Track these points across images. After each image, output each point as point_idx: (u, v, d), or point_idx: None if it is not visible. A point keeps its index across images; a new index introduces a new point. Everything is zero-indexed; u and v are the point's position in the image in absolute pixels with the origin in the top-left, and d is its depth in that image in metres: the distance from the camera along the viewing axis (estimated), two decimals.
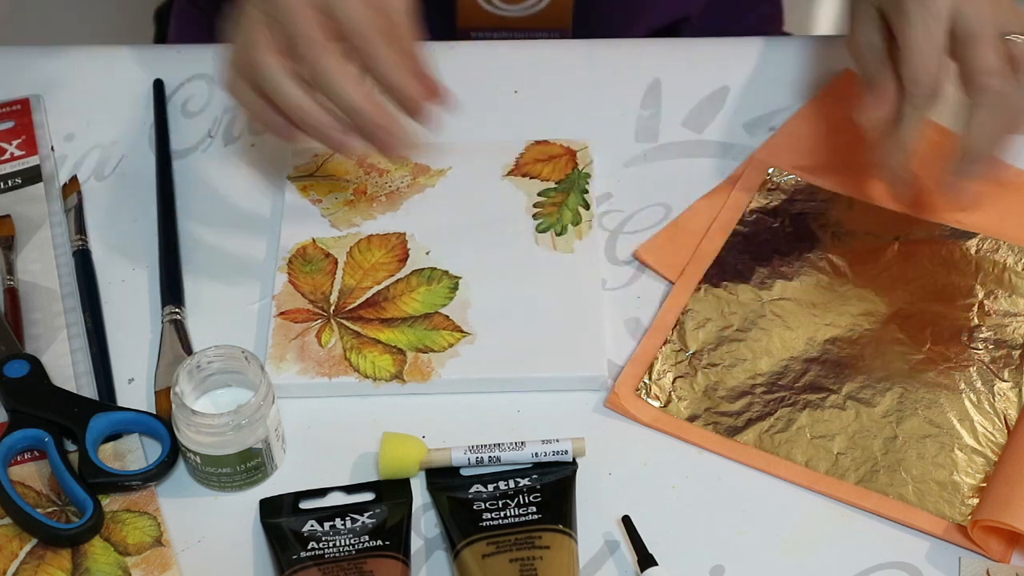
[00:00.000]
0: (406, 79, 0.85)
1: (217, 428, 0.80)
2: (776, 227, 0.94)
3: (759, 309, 0.90)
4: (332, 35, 0.84)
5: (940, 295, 0.90)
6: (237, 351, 0.83)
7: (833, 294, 0.91)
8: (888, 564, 0.80)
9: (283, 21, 0.84)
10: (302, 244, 0.94)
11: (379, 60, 0.85)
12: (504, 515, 0.80)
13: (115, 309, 0.92)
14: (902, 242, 0.93)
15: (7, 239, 0.94)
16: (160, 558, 0.80)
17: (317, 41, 0.84)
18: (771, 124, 1.02)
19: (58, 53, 1.08)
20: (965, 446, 0.83)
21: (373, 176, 0.98)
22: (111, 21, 1.91)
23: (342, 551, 0.79)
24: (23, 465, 0.84)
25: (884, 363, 0.87)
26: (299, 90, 0.85)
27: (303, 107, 0.85)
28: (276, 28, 0.85)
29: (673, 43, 1.11)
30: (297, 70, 0.85)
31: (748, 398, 0.86)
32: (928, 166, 0.98)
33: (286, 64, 0.85)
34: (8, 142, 1.01)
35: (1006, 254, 0.92)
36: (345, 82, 0.84)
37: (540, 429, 0.85)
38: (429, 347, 0.88)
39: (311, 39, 0.84)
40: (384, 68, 0.85)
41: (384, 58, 0.85)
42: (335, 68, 0.84)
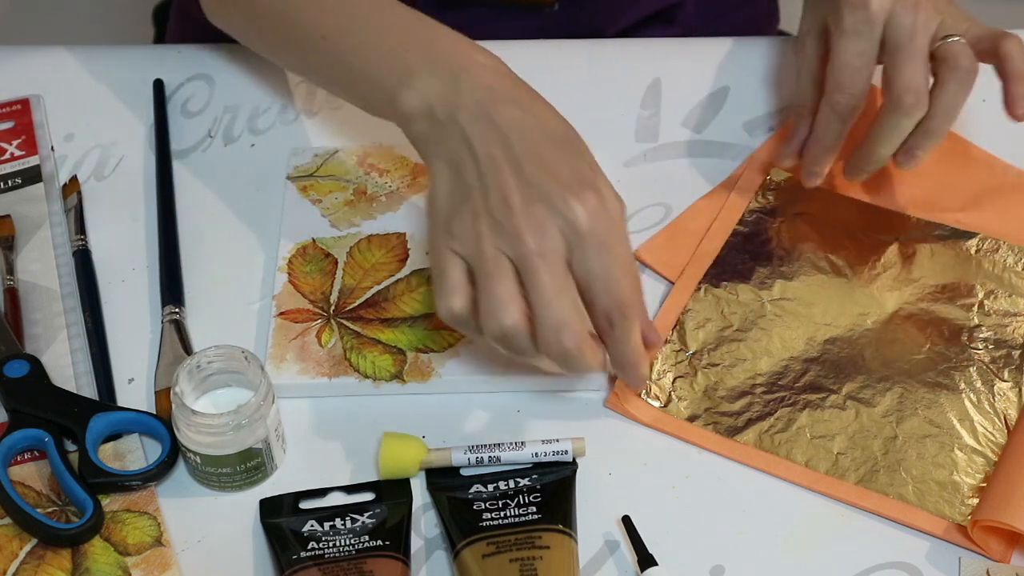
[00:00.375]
0: (643, 365, 0.81)
1: (217, 428, 0.80)
2: (776, 227, 0.94)
3: (759, 309, 0.90)
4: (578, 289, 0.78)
5: (940, 295, 0.90)
6: (237, 351, 0.83)
7: (833, 294, 0.91)
8: (888, 564, 0.80)
9: (539, 301, 0.77)
10: (302, 244, 0.94)
11: (627, 342, 0.79)
12: (504, 515, 0.80)
13: (115, 309, 0.92)
14: (902, 242, 0.93)
15: (7, 239, 0.94)
16: (160, 558, 0.80)
17: (573, 325, 0.77)
18: (771, 124, 1.02)
19: (58, 53, 1.08)
20: (965, 446, 0.83)
21: (373, 176, 0.98)
22: (111, 21, 1.92)
23: (342, 551, 0.79)
24: (23, 465, 0.84)
25: (884, 363, 0.87)
26: (535, 353, 0.79)
27: (547, 367, 0.80)
28: (524, 284, 0.78)
29: (673, 43, 1.11)
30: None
31: (748, 398, 0.86)
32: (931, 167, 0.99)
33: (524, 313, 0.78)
34: (8, 142, 1.01)
35: (1006, 254, 0.92)
36: (595, 367, 0.79)
37: (540, 429, 0.85)
38: (429, 347, 0.88)
39: (568, 322, 0.77)
40: (630, 353, 0.80)
41: (633, 341, 0.79)
42: (586, 354, 0.78)
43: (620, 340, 0.79)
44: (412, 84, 0.82)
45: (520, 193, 0.78)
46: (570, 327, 0.77)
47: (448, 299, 0.79)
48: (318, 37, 0.88)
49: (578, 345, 0.77)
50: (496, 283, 0.77)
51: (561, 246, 0.78)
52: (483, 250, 0.78)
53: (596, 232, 0.77)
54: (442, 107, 0.81)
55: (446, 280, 0.79)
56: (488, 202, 0.78)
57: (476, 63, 0.82)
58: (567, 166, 0.79)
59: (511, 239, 0.77)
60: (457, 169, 0.80)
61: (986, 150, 0.99)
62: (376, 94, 0.85)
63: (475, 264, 0.78)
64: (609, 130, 1.01)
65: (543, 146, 0.80)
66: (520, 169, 0.78)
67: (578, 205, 0.78)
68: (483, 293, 0.78)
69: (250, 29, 0.95)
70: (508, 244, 0.77)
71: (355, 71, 0.86)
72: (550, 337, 0.77)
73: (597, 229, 0.77)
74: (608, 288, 0.78)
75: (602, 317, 0.79)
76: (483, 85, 0.81)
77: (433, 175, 0.81)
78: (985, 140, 1.00)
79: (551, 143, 0.80)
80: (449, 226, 0.79)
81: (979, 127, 1.01)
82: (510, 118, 0.80)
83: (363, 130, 1.01)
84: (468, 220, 0.78)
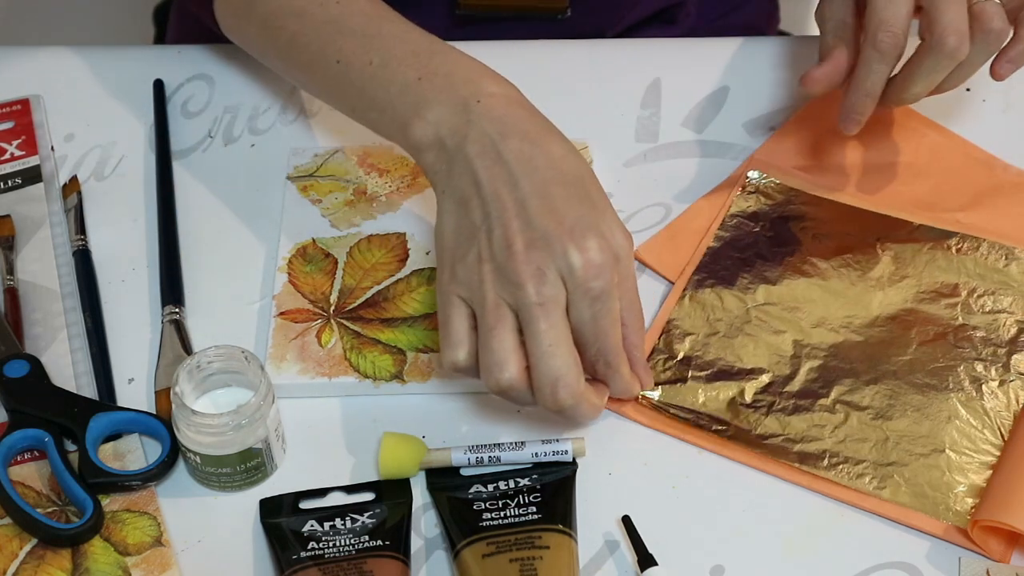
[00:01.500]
0: (631, 392, 0.84)
1: (217, 428, 0.80)
2: (757, 231, 0.94)
3: (744, 315, 0.90)
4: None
5: (924, 295, 0.90)
6: (237, 351, 0.83)
7: (817, 297, 0.90)
8: (888, 564, 0.80)
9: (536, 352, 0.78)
10: (302, 244, 0.94)
11: (616, 383, 0.82)
12: (504, 515, 0.80)
13: (115, 309, 0.92)
14: (884, 243, 0.93)
15: (7, 239, 0.94)
16: (160, 558, 0.80)
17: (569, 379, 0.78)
18: (771, 124, 1.02)
19: (58, 53, 1.08)
20: (956, 445, 0.83)
21: (373, 176, 0.98)
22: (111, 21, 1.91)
23: (342, 551, 0.79)
24: (23, 465, 0.84)
25: (872, 365, 0.87)
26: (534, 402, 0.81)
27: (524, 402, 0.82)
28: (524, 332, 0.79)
29: (673, 43, 1.11)
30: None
31: (738, 404, 0.86)
32: (931, 167, 0.99)
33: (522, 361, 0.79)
34: (8, 142, 1.01)
35: (987, 251, 0.92)
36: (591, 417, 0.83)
37: (540, 429, 0.85)
38: (429, 347, 0.88)
39: (564, 376, 0.78)
40: (619, 392, 0.83)
41: (621, 383, 0.82)
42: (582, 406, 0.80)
43: (610, 381, 0.82)
44: (424, 115, 0.83)
45: (523, 237, 0.78)
46: (566, 381, 0.78)
47: (453, 352, 0.80)
48: (332, 61, 0.88)
49: (574, 398, 0.79)
50: (496, 337, 0.78)
51: (560, 293, 0.79)
52: (485, 297, 0.79)
53: (589, 284, 0.78)
54: (452, 139, 0.82)
55: (451, 332, 0.80)
56: (492, 245, 0.79)
57: (488, 93, 0.82)
58: (573, 209, 0.80)
59: (512, 287, 0.78)
60: (464, 206, 0.80)
61: (986, 150, 0.99)
62: (389, 123, 0.85)
63: (478, 311, 0.79)
64: (609, 130, 1.01)
65: (550, 185, 0.80)
66: (525, 211, 0.79)
67: (576, 254, 0.78)
68: (483, 348, 0.79)
69: (266, 47, 0.95)
70: (509, 292, 0.78)
71: (367, 98, 0.86)
72: (546, 391, 0.79)
73: (591, 281, 0.78)
74: (596, 338, 0.80)
75: (591, 362, 0.81)
76: (494, 116, 0.81)
77: (441, 210, 0.82)
78: (985, 140, 1.00)
79: (559, 182, 0.80)
80: (455, 270, 0.80)
81: (979, 127, 1.01)
82: (519, 153, 0.80)
83: (363, 130, 1.01)
84: (472, 263, 0.79)
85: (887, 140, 1.00)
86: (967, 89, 1.03)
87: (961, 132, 1.00)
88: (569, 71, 1.05)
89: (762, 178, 0.97)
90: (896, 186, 0.97)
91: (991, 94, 1.03)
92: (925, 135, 1.00)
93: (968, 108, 1.02)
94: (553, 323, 0.78)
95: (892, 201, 0.96)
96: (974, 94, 1.03)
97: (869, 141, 1.00)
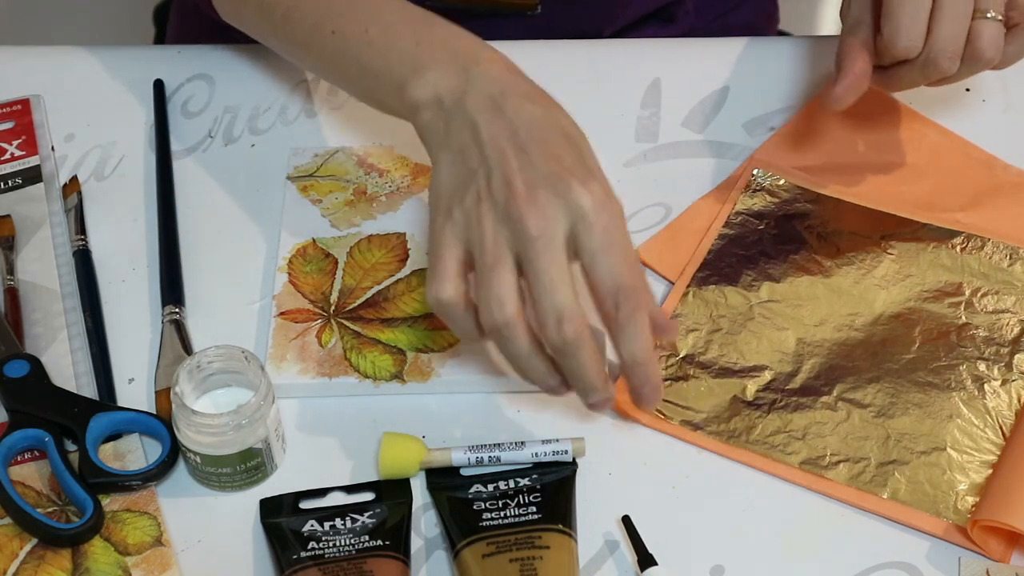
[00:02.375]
0: (653, 365, 0.78)
1: (217, 428, 0.80)
2: (762, 229, 0.94)
3: (748, 312, 0.90)
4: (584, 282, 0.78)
5: (928, 294, 0.90)
6: (237, 351, 0.83)
7: (821, 295, 0.90)
8: (888, 564, 0.80)
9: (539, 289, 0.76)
10: (302, 244, 0.94)
11: (634, 326, 0.77)
12: (504, 515, 0.80)
13: (115, 309, 0.92)
14: (888, 241, 0.93)
15: (7, 239, 0.94)
16: (160, 558, 0.80)
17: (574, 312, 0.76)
18: (771, 124, 1.02)
19: (58, 53, 1.08)
20: (957, 443, 0.83)
21: (373, 176, 0.98)
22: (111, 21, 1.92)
23: (342, 551, 0.79)
24: (23, 465, 0.84)
25: (874, 363, 0.87)
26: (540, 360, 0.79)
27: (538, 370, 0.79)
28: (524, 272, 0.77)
29: (673, 43, 1.11)
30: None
31: (740, 401, 0.86)
32: (931, 167, 0.99)
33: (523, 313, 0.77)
34: (8, 142, 1.01)
35: (991, 251, 0.92)
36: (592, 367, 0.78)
37: (540, 429, 0.85)
38: (429, 347, 0.88)
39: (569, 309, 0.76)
40: (639, 341, 0.77)
41: (641, 326, 0.77)
42: (586, 347, 0.77)
43: (626, 323, 0.77)
44: (422, 75, 0.82)
45: (523, 177, 0.77)
46: (570, 314, 0.76)
47: (438, 285, 0.78)
48: (327, 32, 0.88)
49: (578, 333, 0.76)
50: (496, 275, 0.77)
51: (563, 233, 0.77)
52: (484, 236, 0.77)
53: (600, 217, 0.77)
54: (451, 97, 0.81)
55: (439, 265, 0.78)
56: (491, 185, 0.77)
57: (487, 58, 0.82)
58: (572, 157, 0.79)
59: (513, 223, 0.76)
60: (462, 155, 0.79)
61: (986, 150, 0.99)
62: (385, 86, 0.85)
63: (476, 251, 0.78)
64: (609, 130, 1.01)
65: (550, 137, 0.79)
66: (525, 155, 0.78)
67: (583, 191, 0.77)
68: (482, 286, 0.77)
69: (262, 25, 0.95)
70: (509, 229, 0.77)
71: (364, 65, 0.86)
72: (551, 325, 0.76)
73: (601, 215, 0.77)
74: (612, 269, 0.77)
75: (608, 299, 0.77)
76: (494, 78, 0.81)
77: (437, 164, 0.81)
78: (985, 140, 1.00)
79: (559, 135, 0.80)
80: (450, 210, 0.78)
81: (979, 127, 1.01)
82: (519, 110, 0.80)
83: (363, 130, 1.01)
84: (470, 204, 0.78)
85: (887, 140, 1.00)
86: (967, 89, 1.03)
87: (961, 132, 1.00)
88: (569, 71, 1.05)
89: (767, 176, 0.97)
90: (896, 186, 0.97)
91: (991, 94, 1.03)
92: (925, 135, 1.00)
93: (968, 108, 1.02)
94: (555, 259, 0.76)
95: (892, 201, 0.96)
96: (974, 94, 1.03)
97: (869, 141, 1.00)
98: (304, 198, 0.96)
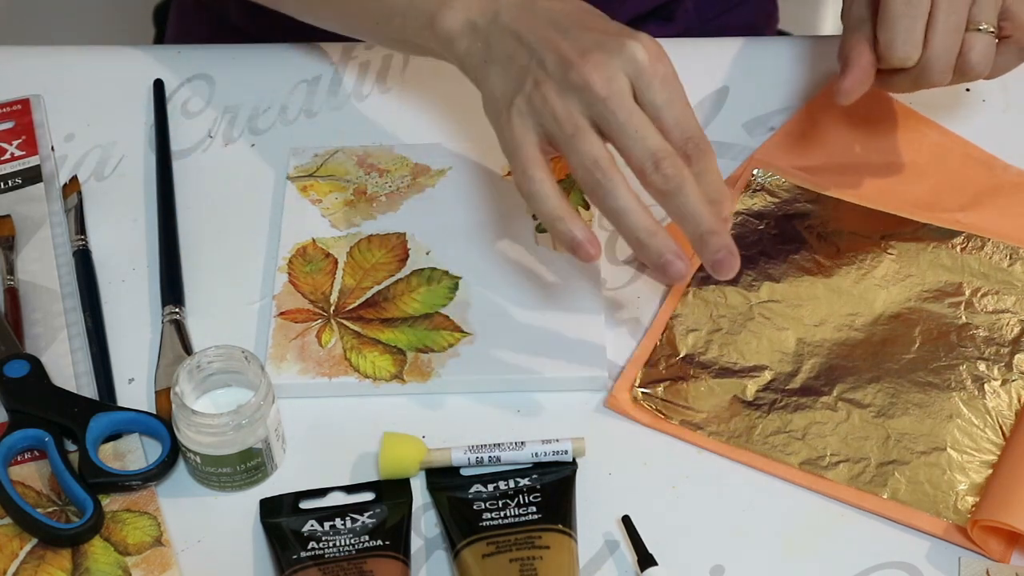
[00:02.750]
0: (727, 200, 0.80)
1: (217, 428, 0.80)
2: (762, 229, 0.94)
3: (748, 312, 0.90)
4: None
5: (928, 294, 0.90)
6: (237, 351, 0.83)
7: (821, 295, 0.90)
8: (888, 564, 0.80)
9: (628, 140, 0.78)
10: (302, 244, 0.94)
11: (710, 171, 0.79)
12: (504, 515, 0.80)
13: (115, 309, 0.92)
14: (888, 241, 0.93)
15: (7, 239, 0.94)
16: (160, 558, 0.80)
17: (668, 150, 0.78)
18: (771, 124, 1.02)
19: (58, 53, 1.08)
20: (957, 443, 0.83)
21: (373, 176, 0.98)
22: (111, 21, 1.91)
23: (342, 551, 0.79)
24: (23, 465, 0.84)
25: (874, 363, 0.87)
26: (644, 213, 0.79)
27: (644, 222, 0.79)
28: (605, 133, 0.79)
29: (672, 43, 1.11)
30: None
31: (740, 401, 0.86)
32: (930, 167, 0.99)
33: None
34: (8, 142, 1.01)
35: (991, 251, 0.92)
36: (700, 198, 0.78)
37: (540, 429, 0.85)
38: (429, 347, 0.88)
39: (662, 148, 0.78)
40: (714, 182, 0.79)
41: (715, 169, 0.79)
42: (688, 180, 0.78)
43: (702, 171, 0.79)
44: (451, 5, 0.83)
45: (575, 49, 0.79)
46: (666, 152, 0.77)
47: (527, 176, 0.79)
48: None
49: (679, 169, 0.77)
50: (580, 140, 0.78)
51: (627, 86, 0.78)
52: (555, 111, 0.78)
53: (658, 66, 0.79)
54: (484, 18, 0.82)
55: (521, 157, 0.80)
56: (547, 67, 0.79)
57: None
58: (614, 26, 0.81)
59: (579, 91, 0.78)
60: (510, 60, 0.81)
61: (986, 150, 0.99)
62: (413, 24, 0.86)
63: (552, 128, 0.79)
64: None
65: (588, 18, 0.81)
66: (570, 34, 0.79)
67: (636, 44, 0.79)
68: (572, 154, 0.78)
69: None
70: (578, 97, 0.78)
71: (389, 5, 0.87)
72: (648, 168, 0.77)
73: (658, 67, 0.79)
74: (679, 119, 0.79)
75: (679, 151, 0.79)
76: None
77: (486, 80, 0.82)
78: (985, 140, 1.00)
79: (595, 17, 0.82)
80: (513, 105, 0.80)
81: (979, 127, 1.01)
82: (551, 6, 0.81)
83: (363, 130, 1.01)
84: (531, 90, 0.79)
85: (887, 140, 1.00)
86: (967, 89, 1.03)
87: (961, 132, 1.00)
88: None
89: (767, 176, 0.97)
90: (896, 186, 0.97)
91: (991, 94, 1.03)
92: (925, 135, 1.00)
93: (968, 108, 1.02)
94: (632, 109, 0.78)
95: (892, 201, 0.96)
96: (974, 94, 1.03)
97: (869, 141, 1.00)
98: (304, 198, 0.96)
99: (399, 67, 1.05)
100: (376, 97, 1.04)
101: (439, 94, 1.03)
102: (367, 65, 1.06)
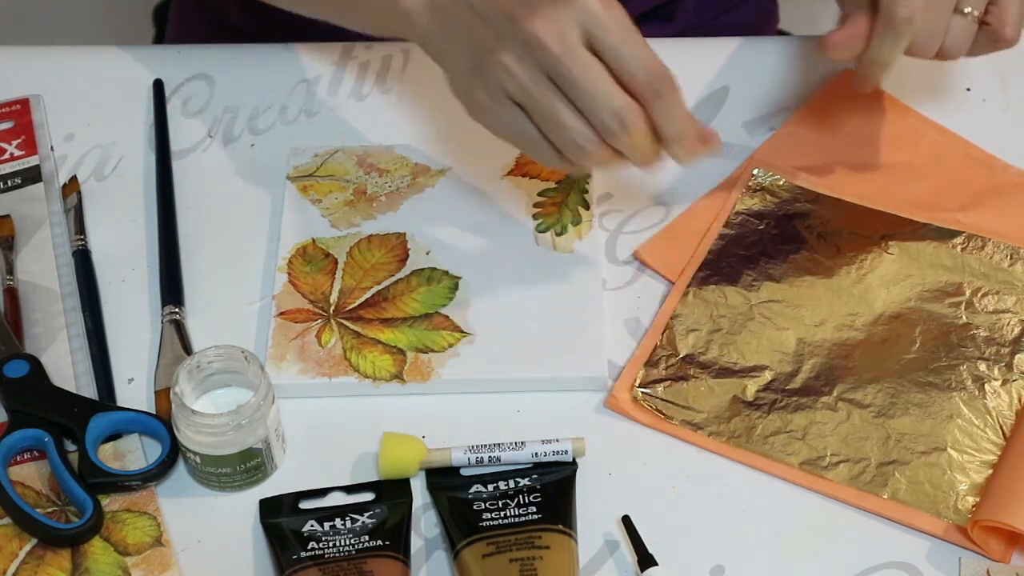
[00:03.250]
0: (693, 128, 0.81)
1: (217, 428, 0.80)
2: (762, 229, 0.94)
3: (748, 312, 0.90)
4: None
5: (928, 294, 0.90)
6: (237, 351, 0.83)
7: (821, 295, 0.90)
8: (888, 564, 0.80)
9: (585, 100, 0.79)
10: (302, 244, 0.94)
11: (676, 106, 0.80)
12: (504, 515, 0.80)
13: (115, 309, 0.92)
14: (888, 241, 0.93)
15: (7, 239, 0.94)
16: (160, 558, 0.80)
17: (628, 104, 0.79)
18: (771, 124, 1.02)
19: (58, 53, 1.08)
20: (958, 443, 0.83)
21: (373, 176, 0.98)
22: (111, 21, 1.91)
23: (342, 551, 0.79)
24: (23, 465, 0.84)
25: (875, 363, 0.87)
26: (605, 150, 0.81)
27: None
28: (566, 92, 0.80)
29: (672, 43, 1.11)
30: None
31: (740, 401, 0.86)
32: (930, 167, 0.99)
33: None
34: (8, 142, 1.01)
35: (992, 251, 0.92)
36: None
37: (540, 429, 0.85)
38: (429, 347, 0.88)
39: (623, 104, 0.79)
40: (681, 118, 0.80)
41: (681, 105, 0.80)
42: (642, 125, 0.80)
43: (669, 106, 0.80)
44: None
45: (523, 6, 0.78)
46: (626, 107, 0.78)
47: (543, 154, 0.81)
48: None
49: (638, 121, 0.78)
50: (549, 110, 0.78)
51: (581, 36, 0.78)
52: (516, 78, 0.78)
53: (612, 12, 0.78)
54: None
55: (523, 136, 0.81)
56: (498, 31, 0.79)
57: None
58: None
59: (531, 49, 0.78)
60: (468, 34, 0.81)
61: (986, 150, 0.99)
62: (378, 4, 0.86)
63: (521, 98, 0.79)
64: None
65: None
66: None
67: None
68: (546, 124, 0.79)
69: None
70: (532, 57, 0.78)
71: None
72: (613, 126, 0.78)
73: (611, 10, 0.78)
74: (642, 60, 0.79)
75: (645, 87, 0.79)
76: None
77: (448, 56, 0.82)
78: (985, 140, 1.00)
79: None
80: (477, 77, 0.80)
81: (979, 127, 1.01)
82: None
83: (363, 130, 1.01)
84: (488, 58, 0.79)
85: (887, 140, 1.00)
86: (967, 89, 1.03)
87: (961, 132, 1.00)
88: None
89: (767, 176, 0.97)
90: (896, 186, 0.97)
91: (991, 94, 1.03)
92: (925, 135, 1.00)
93: (968, 108, 1.02)
94: (589, 64, 0.78)
95: (892, 201, 0.96)
96: (974, 94, 1.03)
97: (868, 141, 1.00)
98: (304, 198, 0.96)
99: (399, 67, 1.05)
100: (376, 97, 1.04)
101: (439, 94, 1.02)
102: (367, 65, 1.06)
